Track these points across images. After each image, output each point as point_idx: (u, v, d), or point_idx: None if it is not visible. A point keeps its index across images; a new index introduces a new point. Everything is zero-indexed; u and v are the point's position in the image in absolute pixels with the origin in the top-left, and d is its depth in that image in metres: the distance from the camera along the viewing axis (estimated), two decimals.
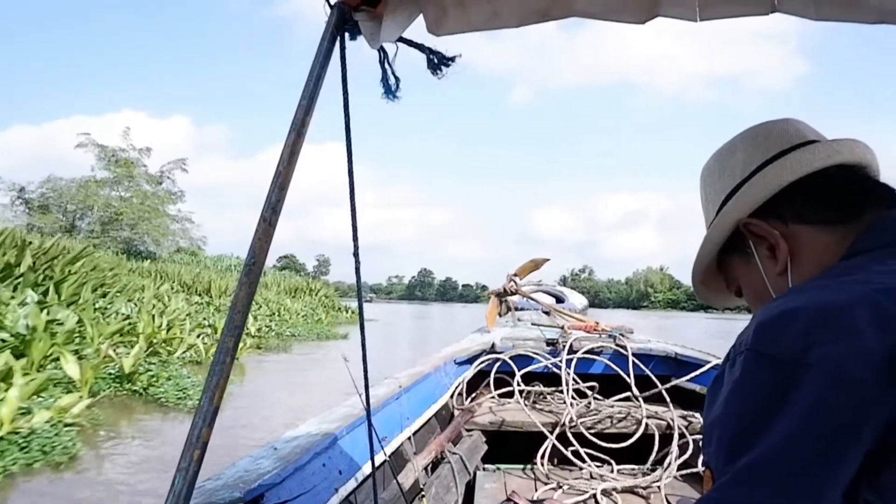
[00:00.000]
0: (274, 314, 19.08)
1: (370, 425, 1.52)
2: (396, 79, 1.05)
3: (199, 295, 18.88)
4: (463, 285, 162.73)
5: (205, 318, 13.58)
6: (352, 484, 1.77)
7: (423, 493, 2.04)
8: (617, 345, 3.61)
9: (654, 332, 6.19)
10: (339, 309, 29.73)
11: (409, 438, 2.49)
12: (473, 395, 3.41)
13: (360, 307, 1.35)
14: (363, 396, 1.44)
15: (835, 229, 0.69)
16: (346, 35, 1.02)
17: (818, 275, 0.66)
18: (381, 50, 1.05)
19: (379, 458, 1.70)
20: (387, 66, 1.04)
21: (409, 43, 1.04)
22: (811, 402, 0.51)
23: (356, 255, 1.15)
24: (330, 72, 1.00)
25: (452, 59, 1.04)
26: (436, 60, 1.04)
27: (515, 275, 5.07)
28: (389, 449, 2.17)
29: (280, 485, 1.41)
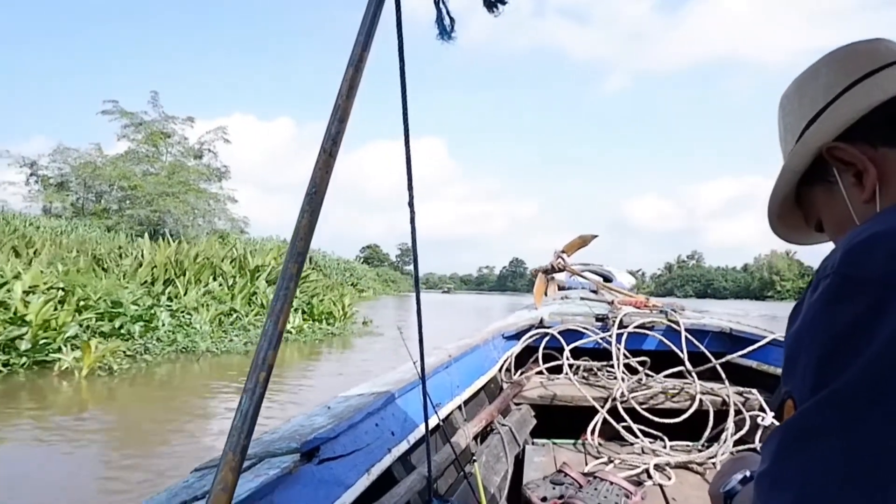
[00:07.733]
0: None
1: (424, 389, 1.52)
2: (451, 19, 1.03)
3: None
4: None
5: None
6: (404, 445, 1.78)
7: (474, 458, 2.04)
8: (669, 320, 3.52)
9: None
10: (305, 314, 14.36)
11: (460, 407, 2.49)
12: (521, 369, 3.38)
13: (416, 268, 1.34)
14: (417, 363, 1.44)
15: None
16: None
17: None
18: None
19: (432, 423, 1.70)
20: (441, 5, 1.02)
21: None
22: None
23: (411, 204, 1.13)
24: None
25: None
26: None
27: (563, 251, 4.99)
28: (441, 414, 2.17)
29: (335, 440, 1.42)
